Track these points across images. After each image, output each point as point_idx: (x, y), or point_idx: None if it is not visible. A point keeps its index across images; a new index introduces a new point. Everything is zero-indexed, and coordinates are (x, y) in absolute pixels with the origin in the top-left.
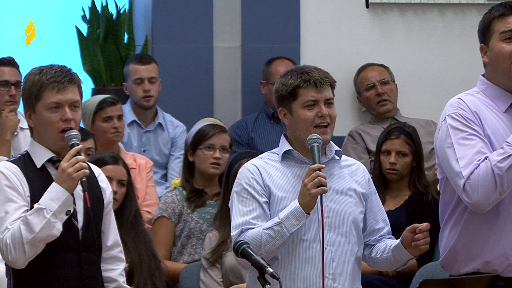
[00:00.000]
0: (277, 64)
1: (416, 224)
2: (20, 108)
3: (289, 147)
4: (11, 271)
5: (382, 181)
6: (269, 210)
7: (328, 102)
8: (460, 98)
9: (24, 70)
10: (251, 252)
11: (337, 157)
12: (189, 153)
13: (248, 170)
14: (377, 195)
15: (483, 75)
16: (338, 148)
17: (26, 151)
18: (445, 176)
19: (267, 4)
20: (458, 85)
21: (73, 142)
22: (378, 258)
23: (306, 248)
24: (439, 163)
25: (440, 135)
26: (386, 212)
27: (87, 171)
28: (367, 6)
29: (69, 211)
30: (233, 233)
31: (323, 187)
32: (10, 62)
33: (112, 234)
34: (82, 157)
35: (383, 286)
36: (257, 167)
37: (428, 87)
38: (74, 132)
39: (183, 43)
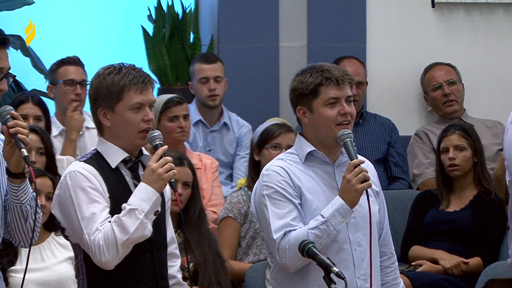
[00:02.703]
0: (345, 64)
1: None
2: (86, 107)
3: (312, 148)
4: (85, 271)
5: (446, 182)
6: None
7: (349, 100)
8: None
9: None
10: (317, 252)
11: None
12: (255, 152)
13: (277, 173)
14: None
15: None
16: None
17: (96, 150)
18: None
19: (333, 3)
20: None
21: (157, 142)
22: None
23: (338, 250)
24: (508, 165)
25: (508, 138)
26: (451, 213)
27: (176, 171)
28: (433, 6)
29: (157, 211)
30: (276, 236)
31: (368, 182)
32: (75, 61)
33: (169, 231)
34: (170, 158)
35: (449, 285)
36: (284, 169)
37: (494, 87)
38: (157, 133)
39: (249, 43)
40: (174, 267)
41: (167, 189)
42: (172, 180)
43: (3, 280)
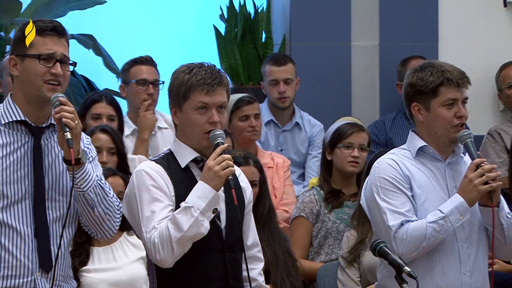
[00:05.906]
0: (413, 65)
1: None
2: (158, 107)
3: (423, 143)
4: (154, 270)
5: None
6: None
7: (464, 102)
8: None
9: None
10: (388, 251)
11: (462, 155)
12: (327, 152)
13: (389, 165)
14: None
15: None
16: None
17: (170, 150)
18: None
19: (405, 2)
20: None
21: (218, 141)
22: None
23: (444, 246)
24: None
25: None
26: None
27: (233, 169)
28: (505, 5)
29: (216, 209)
30: (392, 223)
31: (491, 184)
32: (148, 61)
33: (251, 233)
34: (228, 155)
35: None
36: (396, 162)
37: None
38: (219, 131)
39: (321, 42)
40: (256, 269)
41: (248, 191)
42: (230, 178)
43: (73, 279)
